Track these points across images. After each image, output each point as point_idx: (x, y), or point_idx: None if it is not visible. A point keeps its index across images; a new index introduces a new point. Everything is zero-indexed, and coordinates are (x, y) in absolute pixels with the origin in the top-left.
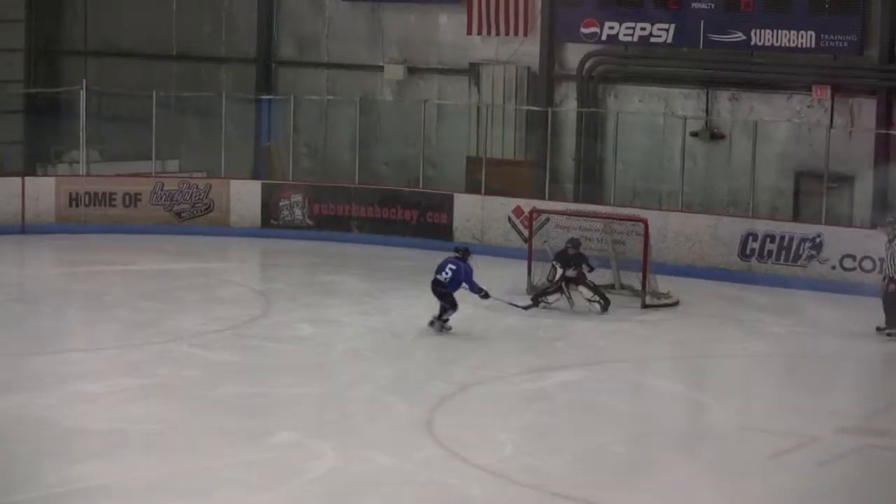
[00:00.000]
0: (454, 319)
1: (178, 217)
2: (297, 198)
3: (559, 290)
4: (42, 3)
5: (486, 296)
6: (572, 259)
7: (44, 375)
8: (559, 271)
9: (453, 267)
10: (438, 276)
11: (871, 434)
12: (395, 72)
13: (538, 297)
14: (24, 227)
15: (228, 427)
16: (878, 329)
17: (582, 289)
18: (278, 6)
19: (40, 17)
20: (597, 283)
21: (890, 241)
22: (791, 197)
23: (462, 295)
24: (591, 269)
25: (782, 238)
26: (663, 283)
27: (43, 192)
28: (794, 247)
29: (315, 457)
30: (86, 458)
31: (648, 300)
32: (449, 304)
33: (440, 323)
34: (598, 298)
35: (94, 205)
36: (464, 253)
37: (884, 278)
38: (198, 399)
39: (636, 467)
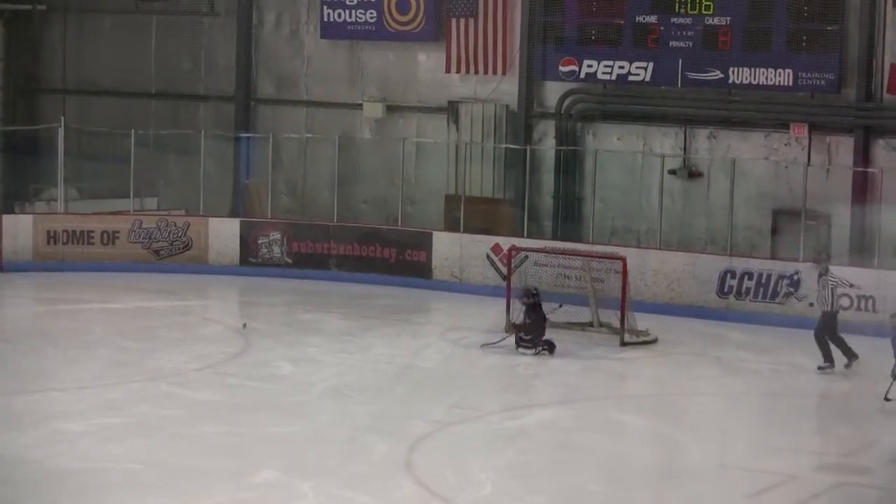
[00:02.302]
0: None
1: (157, 255)
2: (276, 236)
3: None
4: (20, 41)
5: None
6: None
7: (24, 415)
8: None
9: None
10: None
11: (849, 472)
12: (374, 110)
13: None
14: (2, 265)
15: (208, 466)
16: (820, 368)
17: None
18: (257, 44)
19: (19, 55)
20: (576, 321)
21: (821, 276)
22: (769, 234)
23: (442, 332)
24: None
25: (760, 275)
26: (642, 321)
27: (21, 229)
28: (771, 284)
29: (295, 496)
30: (66, 499)
31: (627, 338)
32: None
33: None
34: (544, 346)
35: (73, 242)
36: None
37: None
38: (178, 438)
39: None
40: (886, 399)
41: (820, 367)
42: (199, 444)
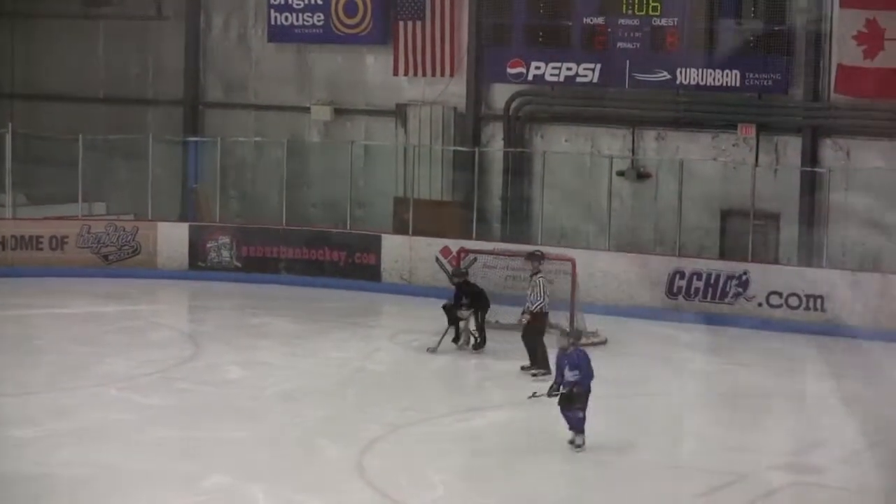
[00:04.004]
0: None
1: (106, 260)
2: (225, 240)
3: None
4: None
5: None
6: (462, 288)
7: None
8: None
9: None
10: None
11: (801, 471)
12: (322, 113)
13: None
14: None
15: (160, 471)
16: (523, 368)
17: (466, 315)
18: (205, 49)
19: None
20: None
21: (532, 275)
22: (717, 235)
23: (392, 334)
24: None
25: (709, 276)
26: (591, 322)
27: None
28: (720, 285)
29: (247, 501)
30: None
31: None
32: None
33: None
34: (476, 333)
35: (21, 248)
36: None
37: (522, 312)
38: (129, 443)
39: None
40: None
41: (524, 368)
42: (150, 449)
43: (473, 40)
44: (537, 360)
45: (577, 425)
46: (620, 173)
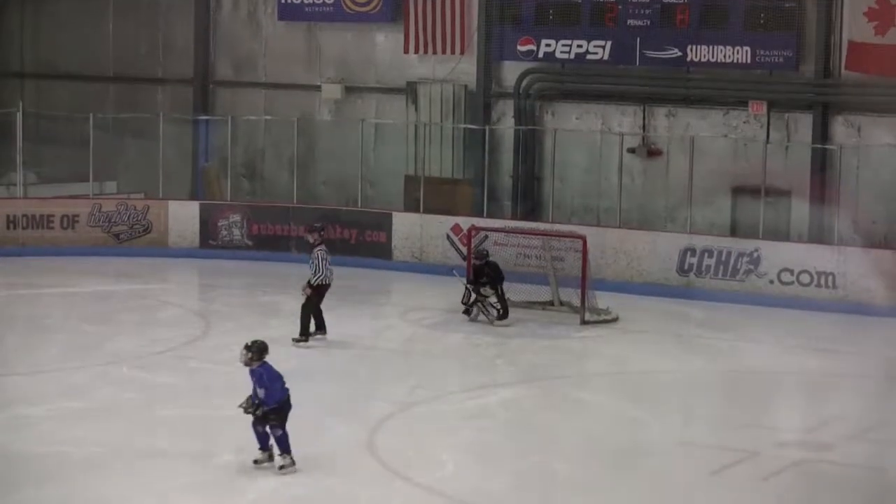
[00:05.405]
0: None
1: (117, 239)
2: (236, 218)
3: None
4: None
5: None
6: (484, 270)
7: None
8: (472, 294)
9: None
10: None
11: (811, 448)
12: (332, 91)
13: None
14: None
15: (170, 449)
16: (294, 340)
17: (489, 293)
18: (215, 26)
19: None
20: (536, 300)
21: (314, 246)
22: (728, 212)
23: (402, 312)
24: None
25: (720, 253)
26: (602, 300)
27: None
28: (731, 262)
29: (256, 478)
30: (28, 483)
31: (587, 317)
32: None
33: None
34: (498, 306)
35: (32, 227)
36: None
37: (303, 287)
38: (139, 421)
39: (578, 485)
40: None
41: (295, 340)
42: (160, 427)
43: (483, 18)
44: (304, 330)
45: (278, 443)
46: (631, 150)
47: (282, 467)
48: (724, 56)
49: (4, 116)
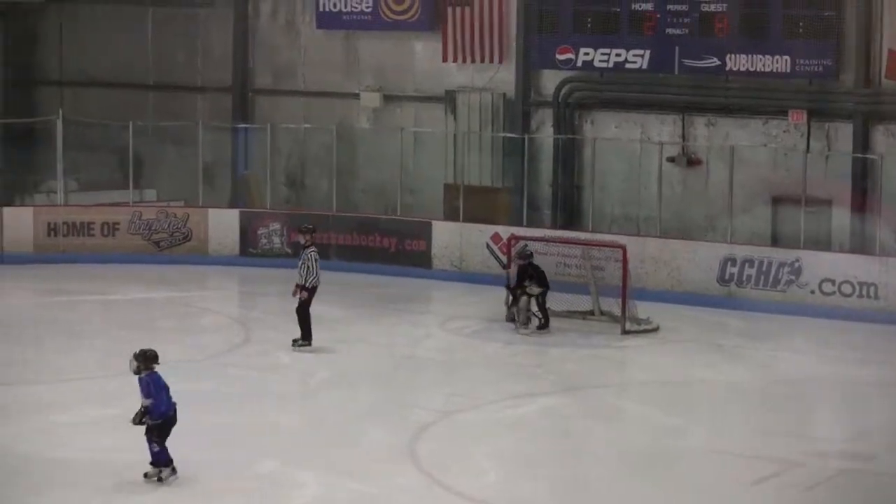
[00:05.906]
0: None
1: (157, 246)
2: (276, 226)
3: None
4: (17, 33)
5: None
6: (528, 270)
7: (20, 406)
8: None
9: None
10: None
11: (853, 458)
12: (371, 99)
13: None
14: (2, 257)
15: (209, 456)
16: (294, 342)
17: (531, 300)
18: (253, 35)
19: (15, 47)
20: (577, 309)
21: (305, 247)
22: (769, 222)
23: (442, 321)
24: (546, 287)
25: (761, 263)
26: (643, 309)
27: (21, 221)
28: (772, 272)
29: (297, 486)
30: (60, 490)
31: (628, 326)
32: None
33: None
34: (539, 314)
35: (73, 234)
36: None
37: (297, 290)
38: (178, 429)
39: (618, 493)
40: None
41: (295, 342)
42: (199, 434)
43: (522, 26)
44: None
45: (154, 458)
46: (671, 159)
47: (146, 475)
48: (764, 65)
49: (44, 124)
